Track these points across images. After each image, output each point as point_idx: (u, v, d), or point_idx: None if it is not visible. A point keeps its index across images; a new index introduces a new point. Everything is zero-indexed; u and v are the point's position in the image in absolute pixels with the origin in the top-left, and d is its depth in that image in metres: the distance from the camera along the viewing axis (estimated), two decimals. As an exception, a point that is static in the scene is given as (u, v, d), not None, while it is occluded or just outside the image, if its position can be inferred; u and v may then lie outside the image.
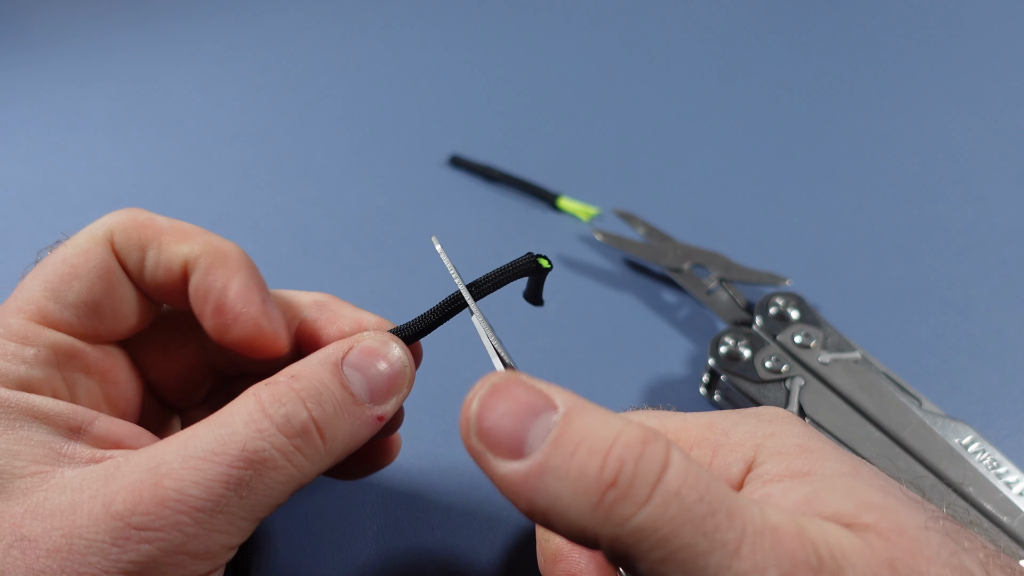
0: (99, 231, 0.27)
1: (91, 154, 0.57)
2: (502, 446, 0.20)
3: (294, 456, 0.23)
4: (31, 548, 0.22)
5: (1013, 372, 0.42)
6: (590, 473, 0.19)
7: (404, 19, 0.71)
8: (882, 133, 0.58)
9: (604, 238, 0.47)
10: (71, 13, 0.71)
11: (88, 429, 0.25)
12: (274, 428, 0.23)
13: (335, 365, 0.25)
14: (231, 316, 0.26)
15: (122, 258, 0.27)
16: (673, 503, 0.18)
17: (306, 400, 0.24)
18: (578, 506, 0.19)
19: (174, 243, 0.27)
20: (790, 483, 0.22)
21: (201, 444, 0.23)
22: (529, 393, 0.20)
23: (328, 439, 0.24)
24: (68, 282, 0.26)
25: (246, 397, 0.24)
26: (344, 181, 0.55)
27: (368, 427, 0.26)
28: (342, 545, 0.35)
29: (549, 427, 0.19)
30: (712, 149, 0.57)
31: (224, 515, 0.22)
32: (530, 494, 0.19)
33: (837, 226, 0.51)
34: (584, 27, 0.70)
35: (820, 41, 0.69)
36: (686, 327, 0.45)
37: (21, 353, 0.25)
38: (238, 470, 0.22)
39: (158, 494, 0.22)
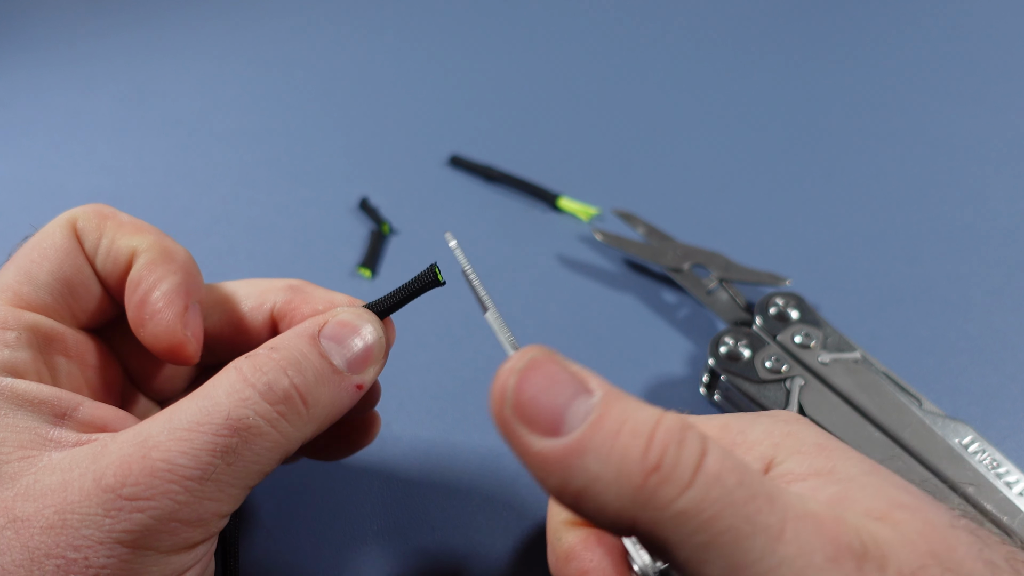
0: (63, 217, 0.28)
1: (91, 154, 0.57)
2: (540, 421, 0.19)
3: (278, 422, 0.24)
4: (25, 527, 0.22)
5: (1013, 372, 0.42)
6: (634, 455, 0.18)
7: (404, 19, 0.71)
8: (882, 133, 0.58)
9: (604, 238, 0.47)
10: (71, 14, 0.71)
11: (73, 414, 0.25)
12: (257, 396, 0.24)
13: (312, 337, 0.26)
14: (149, 312, 0.27)
15: (81, 242, 0.28)
16: (715, 486, 0.18)
17: (286, 368, 0.24)
18: (619, 488, 0.18)
19: (126, 235, 0.28)
20: (816, 481, 0.22)
21: (186, 416, 0.23)
22: (567, 373, 0.20)
23: (310, 404, 0.25)
24: (38, 263, 0.27)
25: (227, 370, 0.24)
26: (344, 181, 0.55)
27: (348, 395, 0.26)
28: (342, 545, 0.35)
29: (588, 409, 0.19)
30: (712, 149, 0.57)
31: (213, 482, 0.23)
32: (565, 473, 0.19)
33: (837, 226, 0.51)
34: (584, 27, 0.70)
35: (820, 41, 0.69)
36: (686, 327, 0.45)
37: (2, 337, 0.25)
38: (224, 438, 0.23)
39: (147, 465, 0.22)
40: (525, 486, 0.37)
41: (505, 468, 0.37)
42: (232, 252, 0.49)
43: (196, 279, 0.28)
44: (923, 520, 0.20)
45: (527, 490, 0.37)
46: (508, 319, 0.45)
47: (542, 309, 0.46)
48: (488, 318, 0.28)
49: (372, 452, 0.38)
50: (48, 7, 0.72)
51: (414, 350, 0.43)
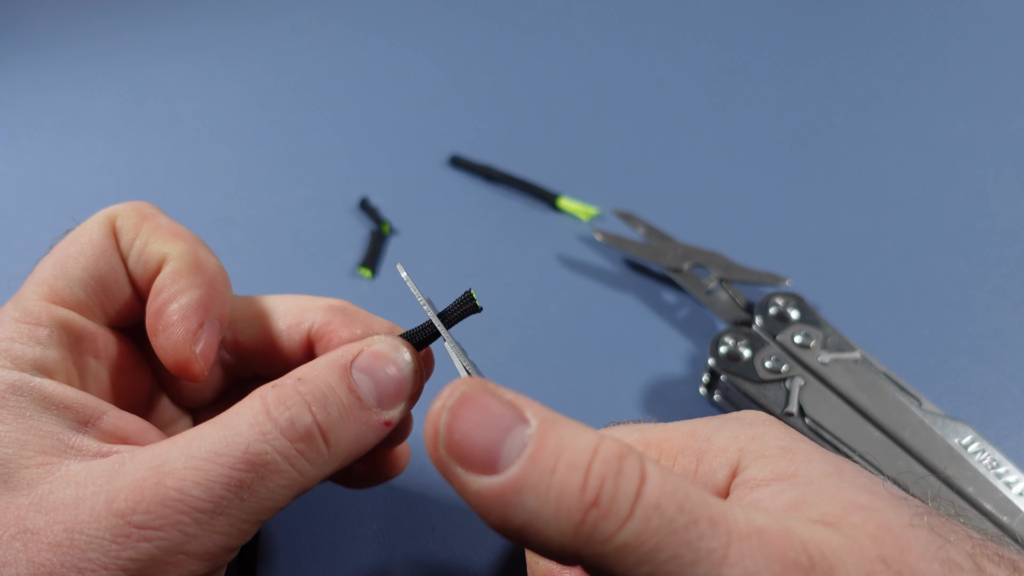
0: (104, 213, 0.28)
1: (91, 154, 0.57)
2: (474, 460, 0.19)
3: (297, 460, 0.23)
4: (33, 541, 0.22)
5: (1013, 372, 0.42)
6: (571, 492, 0.18)
7: (404, 19, 0.71)
8: (882, 133, 0.58)
9: (604, 238, 0.47)
10: (72, 15, 0.71)
11: (97, 422, 0.25)
12: (277, 432, 0.23)
13: (344, 368, 0.25)
14: (162, 324, 0.26)
15: (117, 240, 0.28)
16: (654, 516, 0.18)
17: (311, 404, 0.24)
18: (558, 525, 0.18)
19: (161, 239, 0.28)
20: (777, 486, 0.21)
21: (205, 445, 0.23)
22: (501, 404, 0.19)
23: (332, 444, 0.24)
24: (74, 258, 0.27)
25: (252, 399, 0.24)
26: (344, 181, 0.54)
27: (375, 432, 0.25)
28: (342, 545, 0.35)
29: (524, 441, 0.19)
30: (712, 149, 0.57)
31: (224, 517, 0.22)
32: (504, 511, 0.18)
33: (837, 226, 0.51)
34: (584, 27, 0.70)
35: (820, 41, 0.69)
36: (686, 327, 0.45)
37: (35, 334, 0.25)
38: (240, 472, 0.22)
39: (159, 493, 0.22)
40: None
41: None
42: (232, 252, 0.49)
43: (220, 294, 0.28)
44: (878, 523, 0.20)
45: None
46: (508, 319, 0.45)
47: (542, 309, 0.46)
48: (447, 348, 0.26)
49: (372, 452, 0.38)
50: (48, 7, 0.72)
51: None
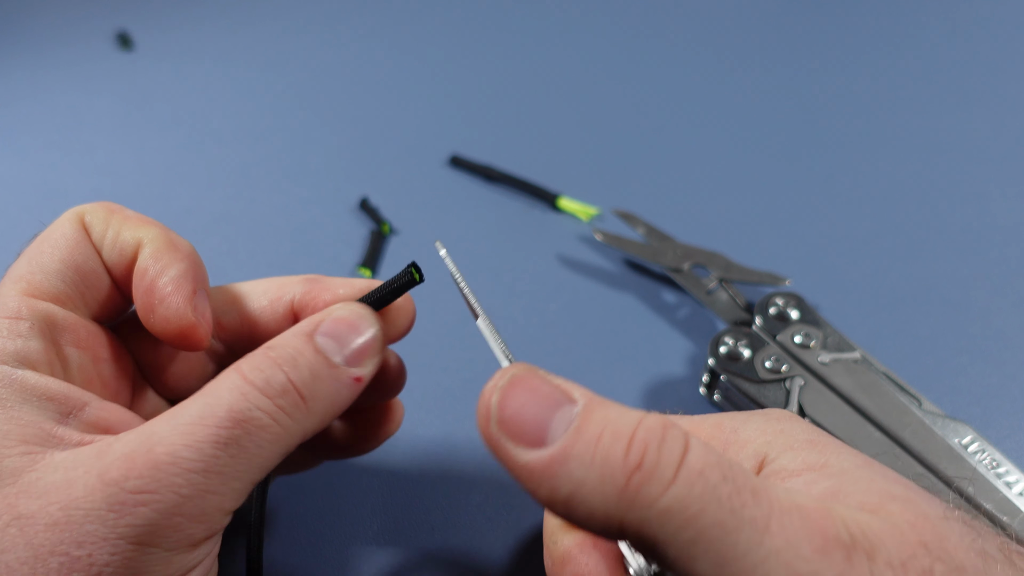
0: (71, 212, 0.29)
1: (91, 154, 0.57)
2: (524, 434, 0.20)
3: (278, 415, 0.24)
4: (29, 524, 0.22)
5: (1013, 372, 0.42)
6: (615, 457, 0.19)
7: (404, 19, 0.71)
8: (882, 133, 0.58)
9: (604, 238, 0.47)
10: (71, 15, 0.71)
11: (79, 413, 0.25)
12: (256, 391, 0.24)
13: (308, 334, 0.26)
14: (158, 298, 0.27)
15: (89, 234, 0.28)
16: (698, 482, 0.18)
17: (282, 364, 0.25)
18: (604, 491, 0.19)
19: (132, 227, 0.28)
20: (810, 476, 0.22)
21: (189, 411, 0.24)
22: (549, 386, 0.21)
23: (308, 398, 0.25)
24: (49, 253, 0.28)
25: (228, 371, 0.25)
26: (344, 181, 0.55)
27: (348, 388, 0.26)
28: (342, 545, 0.35)
29: (571, 418, 0.20)
30: (712, 149, 0.57)
31: (216, 475, 0.23)
32: (552, 481, 0.19)
33: (837, 226, 0.51)
34: (584, 27, 0.70)
35: (820, 41, 0.69)
36: (686, 327, 0.45)
37: (15, 328, 0.25)
38: (226, 430, 0.23)
39: (151, 459, 0.22)
40: (525, 486, 0.37)
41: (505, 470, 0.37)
42: (232, 252, 0.49)
43: (202, 269, 0.29)
44: (915, 511, 0.20)
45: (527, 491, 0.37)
46: (508, 319, 0.45)
47: (542, 309, 0.46)
48: (479, 325, 0.28)
49: (372, 452, 0.38)
50: (48, 7, 0.72)
51: (414, 350, 0.43)
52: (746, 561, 0.18)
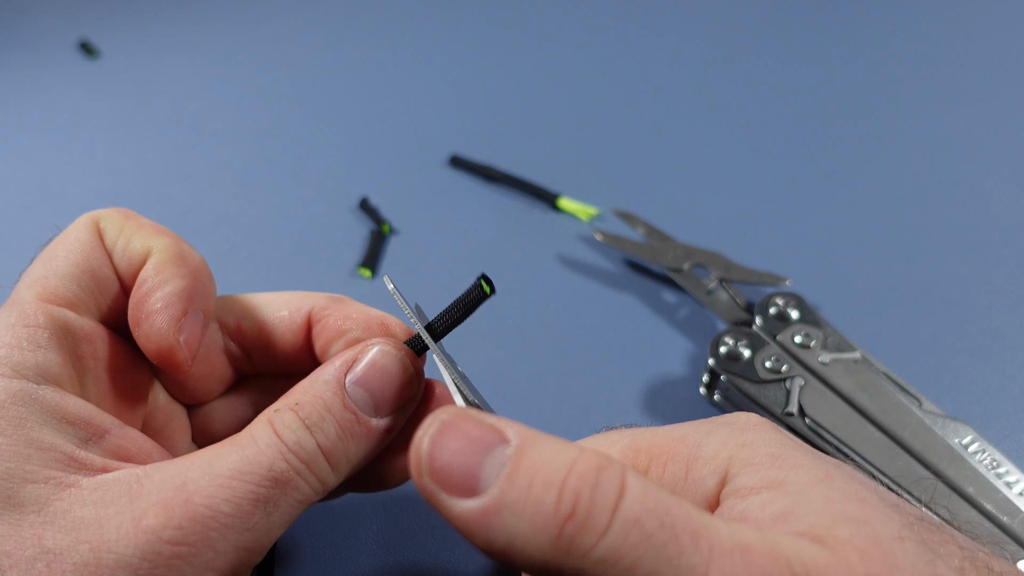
0: (87, 216, 0.28)
1: (91, 154, 0.57)
2: (455, 484, 0.19)
3: (309, 478, 0.24)
4: (56, 561, 0.21)
5: (1013, 372, 0.42)
6: (547, 506, 0.18)
7: (404, 19, 0.71)
8: (882, 133, 0.58)
9: (604, 238, 0.47)
10: (71, 14, 0.71)
11: (101, 440, 0.24)
12: (290, 452, 0.24)
13: (338, 384, 0.25)
14: (144, 313, 0.26)
15: (102, 239, 0.28)
16: (633, 531, 0.18)
17: (311, 428, 0.24)
18: (538, 541, 0.18)
19: (144, 235, 0.28)
20: (767, 495, 0.21)
21: (227, 464, 0.23)
22: (480, 428, 0.20)
23: (334, 462, 0.25)
24: (63, 257, 0.27)
25: (261, 423, 0.25)
26: (344, 181, 0.55)
27: (377, 440, 0.26)
28: (342, 545, 0.35)
29: (503, 462, 0.19)
30: (712, 149, 0.57)
31: (251, 532, 0.23)
32: (487, 532, 0.19)
33: (837, 226, 0.51)
34: (584, 27, 0.70)
35: (819, 41, 0.69)
36: (686, 327, 0.45)
37: (35, 337, 0.25)
38: (265, 489, 0.23)
39: (190, 510, 0.22)
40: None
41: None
42: (232, 252, 0.49)
43: (204, 287, 0.28)
44: (866, 536, 0.19)
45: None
46: (508, 319, 0.45)
47: (542, 309, 0.46)
48: (435, 359, 0.26)
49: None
50: (48, 7, 0.72)
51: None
52: None
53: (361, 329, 0.28)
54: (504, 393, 0.41)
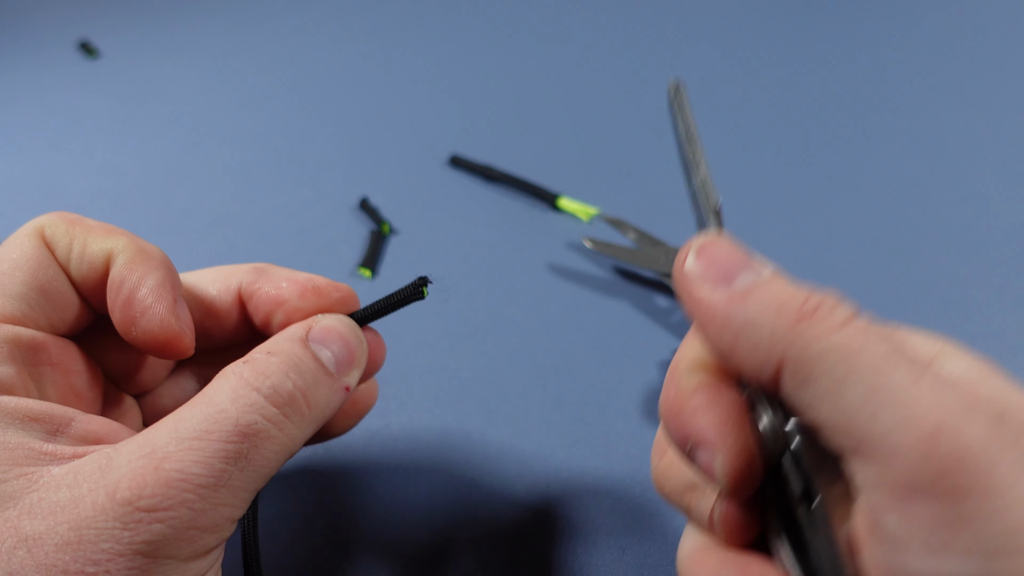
0: (29, 227, 0.28)
1: (91, 154, 0.57)
2: (713, 276, 0.22)
3: (284, 425, 0.25)
4: (37, 546, 0.22)
5: (1013, 372, 0.42)
6: (793, 302, 0.21)
7: (404, 19, 0.71)
8: (882, 133, 0.58)
9: (594, 245, 0.47)
10: (71, 15, 0.71)
11: (66, 429, 0.25)
12: (263, 400, 0.24)
13: (303, 340, 0.27)
14: (139, 309, 0.26)
15: (52, 249, 0.28)
16: (863, 333, 0.20)
17: (288, 371, 0.25)
18: (775, 325, 0.20)
19: (99, 238, 0.28)
20: None
21: (192, 424, 0.23)
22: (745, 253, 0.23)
23: (311, 405, 0.26)
24: (10, 275, 0.27)
25: (226, 376, 0.25)
26: (344, 181, 0.55)
27: (339, 396, 0.27)
28: (342, 545, 0.35)
29: (757, 276, 0.22)
30: (711, 149, 0.57)
31: (227, 489, 0.23)
32: (729, 314, 0.21)
33: (834, 226, 0.51)
34: (584, 27, 0.70)
35: (819, 42, 0.69)
36: (681, 331, 0.45)
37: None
38: (235, 444, 0.23)
39: (161, 476, 0.22)
40: (524, 486, 0.37)
41: (504, 469, 0.38)
42: (232, 252, 0.49)
43: (175, 275, 0.28)
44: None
45: (526, 490, 0.37)
46: (508, 319, 0.45)
47: (542, 309, 0.46)
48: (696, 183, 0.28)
49: (371, 452, 0.38)
50: (48, 7, 0.72)
51: (413, 351, 0.43)
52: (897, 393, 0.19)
53: (296, 296, 0.29)
54: (503, 393, 0.41)
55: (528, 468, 0.38)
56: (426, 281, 0.29)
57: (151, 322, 0.26)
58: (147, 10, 0.71)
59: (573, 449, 0.38)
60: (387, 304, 0.29)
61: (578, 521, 0.36)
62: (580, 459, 0.38)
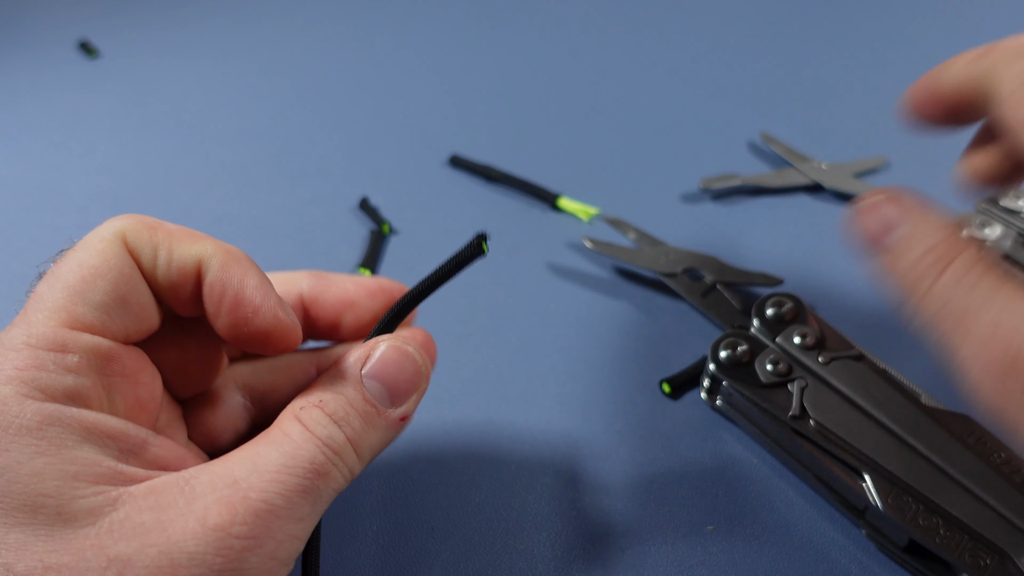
0: (109, 232, 0.27)
1: (91, 154, 0.57)
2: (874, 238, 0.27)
3: (342, 468, 0.26)
4: (128, 568, 0.22)
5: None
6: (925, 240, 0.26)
7: (404, 19, 0.71)
8: (879, 132, 0.58)
9: (594, 246, 0.47)
10: (70, 15, 0.71)
11: (140, 451, 0.25)
12: (324, 446, 0.25)
13: (356, 380, 0.27)
14: (251, 309, 0.27)
15: (136, 257, 0.27)
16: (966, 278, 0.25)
17: (339, 423, 0.26)
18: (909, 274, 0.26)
19: (186, 243, 0.27)
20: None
21: (271, 460, 0.24)
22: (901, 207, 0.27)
23: (360, 452, 0.27)
24: (91, 283, 0.26)
25: (291, 420, 0.26)
26: (344, 181, 0.55)
27: (394, 429, 0.28)
28: (342, 545, 0.35)
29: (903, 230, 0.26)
30: (712, 149, 0.57)
31: (301, 522, 0.24)
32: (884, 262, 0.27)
33: (828, 225, 0.51)
34: (584, 27, 0.70)
35: (819, 43, 0.69)
36: (683, 332, 0.45)
37: (63, 361, 0.24)
38: (310, 481, 0.24)
39: (250, 506, 0.23)
40: (524, 487, 0.37)
41: (504, 470, 0.38)
42: (232, 252, 0.49)
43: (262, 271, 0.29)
44: None
45: (526, 491, 0.37)
46: (508, 319, 0.45)
47: (542, 309, 0.46)
48: None
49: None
50: (48, 7, 0.72)
51: (414, 350, 0.43)
52: None
53: (365, 296, 0.31)
54: (503, 393, 0.41)
55: (528, 468, 0.38)
56: (485, 236, 0.28)
57: (265, 319, 0.27)
58: (147, 10, 0.71)
59: (573, 449, 0.38)
60: (447, 270, 0.29)
61: (578, 521, 0.36)
62: (580, 459, 0.38)
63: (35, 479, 0.22)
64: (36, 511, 0.22)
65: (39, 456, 0.23)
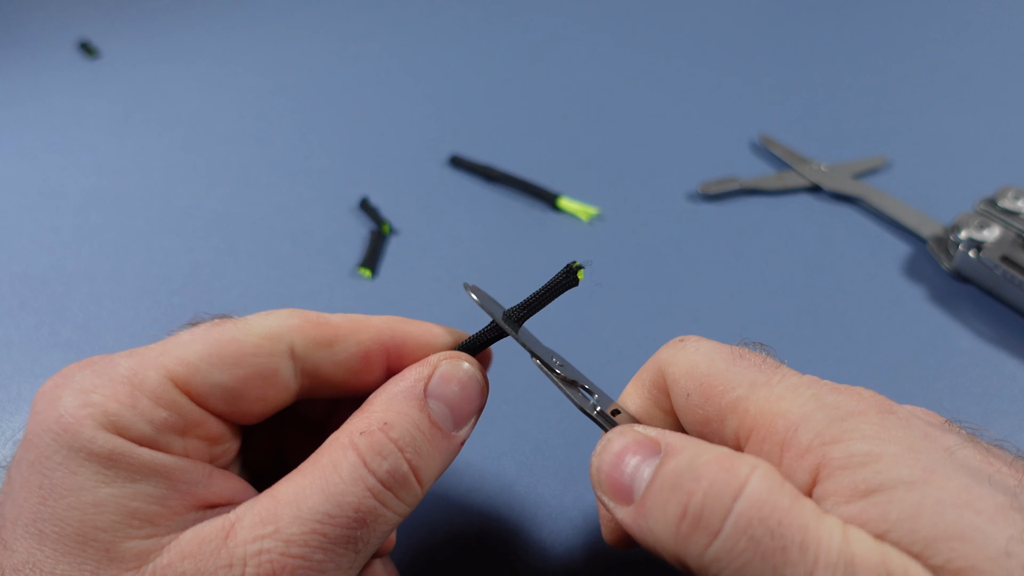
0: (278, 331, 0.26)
1: (91, 154, 0.57)
2: (617, 494, 0.23)
3: (398, 507, 0.25)
4: None
5: (1012, 372, 0.42)
6: (670, 508, 0.21)
7: (403, 20, 0.71)
8: (881, 132, 0.58)
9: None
10: (71, 15, 0.71)
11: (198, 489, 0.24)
12: (380, 485, 0.24)
13: (420, 400, 0.26)
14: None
15: (301, 361, 0.27)
16: (743, 537, 0.20)
17: (404, 450, 0.25)
18: (666, 538, 0.21)
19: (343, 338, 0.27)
20: (857, 506, 0.20)
21: (313, 505, 0.23)
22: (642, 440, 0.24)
23: (423, 481, 0.25)
24: (229, 366, 0.25)
25: (344, 449, 0.24)
26: (344, 181, 0.55)
27: (453, 453, 0.27)
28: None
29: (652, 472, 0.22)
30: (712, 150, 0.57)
31: (345, 572, 0.24)
32: (638, 532, 0.23)
33: (834, 225, 0.51)
34: (584, 27, 0.70)
35: (818, 44, 0.69)
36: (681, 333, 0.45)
37: (151, 413, 0.24)
38: (354, 530, 0.23)
39: (286, 563, 0.22)
40: (523, 488, 0.37)
41: (504, 470, 0.38)
42: (232, 252, 0.49)
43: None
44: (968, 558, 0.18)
45: (525, 492, 0.37)
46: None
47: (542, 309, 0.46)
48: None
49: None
50: (48, 7, 0.72)
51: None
52: None
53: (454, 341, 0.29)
54: (503, 394, 0.41)
55: (528, 468, 0.38)
56: (580, 266, 0.27)
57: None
58: (147, 11, 0.71)
59: (573, 449, 0.38)
60: (540, 299, 0.27)
61: (578, 521, 0.36)
62: (580, 459, 0.38)
63: (95, 509, 0.22)
64: (87, 544, 0.22)
65: (104, 486, 0.22)
